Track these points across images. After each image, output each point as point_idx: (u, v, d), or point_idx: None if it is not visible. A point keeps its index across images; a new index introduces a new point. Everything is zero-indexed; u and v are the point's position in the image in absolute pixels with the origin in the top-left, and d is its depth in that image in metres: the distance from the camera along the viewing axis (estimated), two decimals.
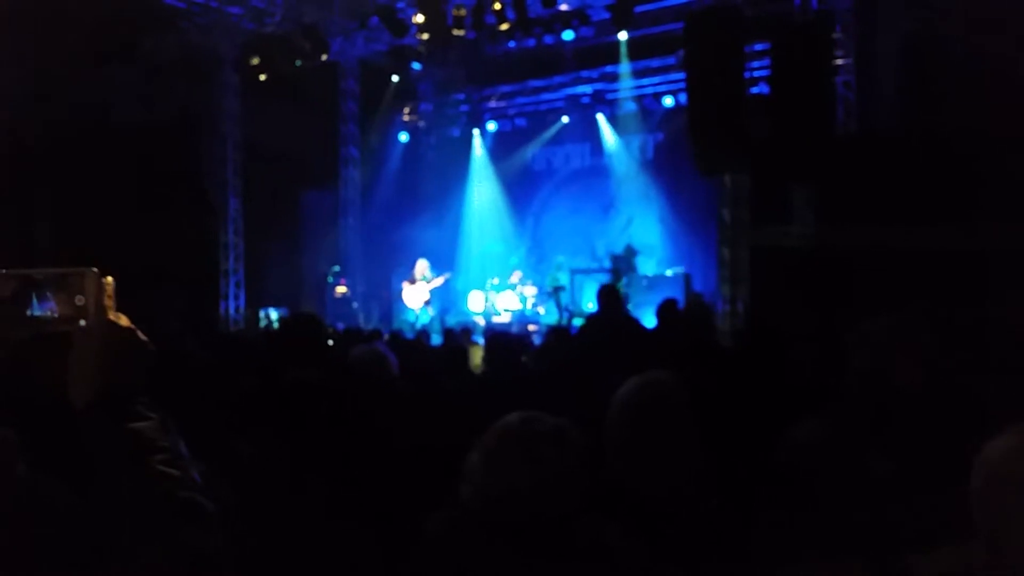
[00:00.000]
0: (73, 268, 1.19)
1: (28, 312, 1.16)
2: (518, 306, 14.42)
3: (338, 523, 2.04)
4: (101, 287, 1.19)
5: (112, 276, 1.21)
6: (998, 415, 1.36)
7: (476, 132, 17.07)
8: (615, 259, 13.48)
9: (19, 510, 1.45)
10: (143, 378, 1.17)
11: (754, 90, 11.76)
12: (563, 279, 13.88)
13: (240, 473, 1.67)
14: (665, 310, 5.86)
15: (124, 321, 1.20)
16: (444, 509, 1.65)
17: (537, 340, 10.05)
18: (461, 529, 1.61)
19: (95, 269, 1.20)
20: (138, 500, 1.05)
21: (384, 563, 1.69)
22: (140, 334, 1.20)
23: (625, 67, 14.71)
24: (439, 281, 14.06)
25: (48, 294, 1.17)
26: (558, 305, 13.74)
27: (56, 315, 1.17)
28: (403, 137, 17.57)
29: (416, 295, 13.90)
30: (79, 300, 1.17)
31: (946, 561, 1.32)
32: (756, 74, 11.59)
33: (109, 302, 1.20)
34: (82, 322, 1.17)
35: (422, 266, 13.99)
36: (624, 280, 12.58)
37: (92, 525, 1.05)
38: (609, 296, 5.70)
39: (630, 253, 13.52)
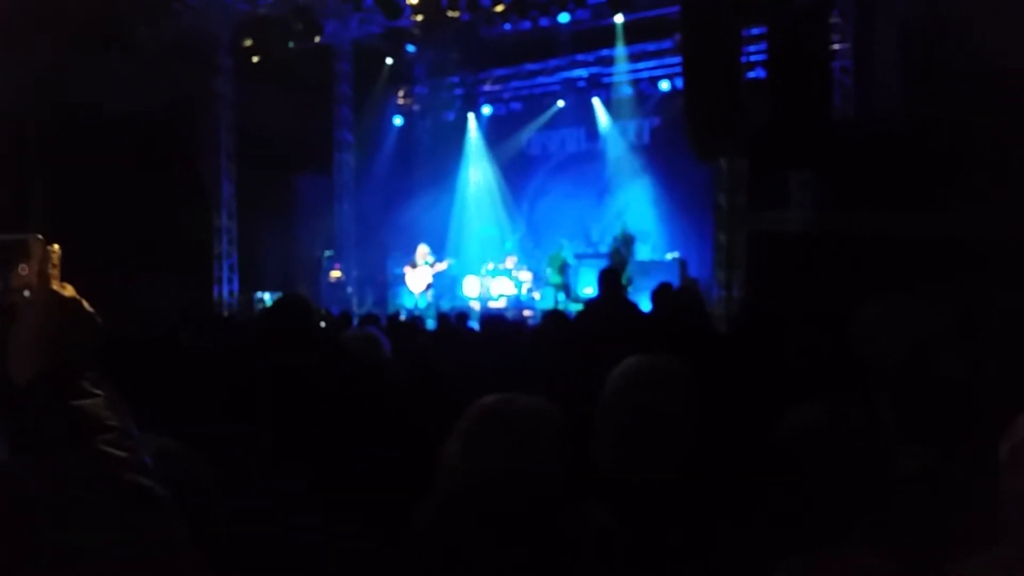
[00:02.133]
0: (16, 235, 1.13)
1: None
2: (513, 291, 14.39)
3: (328, 509, 2.01)
4: (46, 255, 1.13)
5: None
6: (1009, 406, 1.33)
7: (471, 116, 16.97)
8: (616, 243, 13.30)
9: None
10: (89, 352, 1.11)
11: (751, 74, 11.71)
12: (571, 258, 13.78)
13: (227, 458, 1.63)
14: (660, 295, 5.84)
15: (69, 291, 1.14)
16: (431, 496, 1.63)
17: (533, 325, 10.03)
18: (446, 516, 1.58)
19: (40, 236, 1.14)
20: (80, 482, 1.00)
21: (375, 550, 1.67)
22: (86, 305, 1.14)
23: (621, 51, 14.61)
24: (442, 266, 14.06)
25: None
26: (565, 288, 13.47)
27: None
28: (397, 121, 17.48)
29: (419, 279, 13.90)
30: (23, 269, 1.12)
31: (985, 564, 1.28)
32: (753, 58, 11.54)
33: (54, 271, 1.13)
34: (26, 292, 1.11)
35: (423, 251, 13.99)
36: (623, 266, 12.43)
37: (48, 510, 0.99)
38: (610, 280, 5.65)
39: (628, 239, 13.39)
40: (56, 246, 1.14)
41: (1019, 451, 1.28)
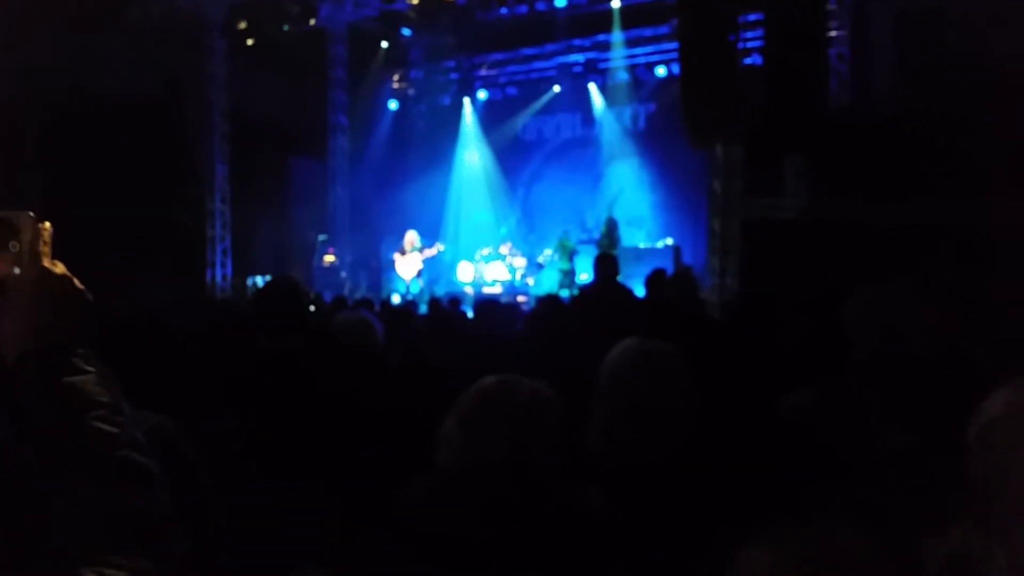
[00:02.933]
0: (7, 211, 1.12)
1: None
2: (507, 277, 14.37)
3: (319, 492, 2.01)
4: (37, 232, 1.13)
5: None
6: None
7: (466, 100, 16.91)
8: (602, 229, 13.29)
9: None
10: (80, 329, 1.11)
11: (747, 61, 11.67)
12: (576, 245, 13.70)
13: (220, 443, 1.63)
14: (654, 281, 5.84)
15: (60, 268, 1.14)
16: (423, 476, 1.62)
17: (527, 310, 10.01)
18: (440, 496, 1.58)
19: (31, 213, 1.13)
20: (72, 458, 0.99)
21: (365, 532, 1.66)
22: (77, 282, 1.14)
23: (618, 36, 14.57)
24: (432, 251, 14.02)
25: None
26: (571, 275, 13.32)
27: None
28: (392, 105, 17.40)
29: (408, 266, 13.89)
30: (13, 246, 1.11)
31: (957, 540, 1.30)
32: (749, 45, 11.50)
33: (45, 248, 1.13)
34: (16, 270, 1.11)
35: (411, 237, 13.97)
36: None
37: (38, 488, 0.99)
38: (605, 266, 5.65)
39: (612, 225, 13.34)
40: (47, 223, 1.14)
41: (984, 433, 1.31)
